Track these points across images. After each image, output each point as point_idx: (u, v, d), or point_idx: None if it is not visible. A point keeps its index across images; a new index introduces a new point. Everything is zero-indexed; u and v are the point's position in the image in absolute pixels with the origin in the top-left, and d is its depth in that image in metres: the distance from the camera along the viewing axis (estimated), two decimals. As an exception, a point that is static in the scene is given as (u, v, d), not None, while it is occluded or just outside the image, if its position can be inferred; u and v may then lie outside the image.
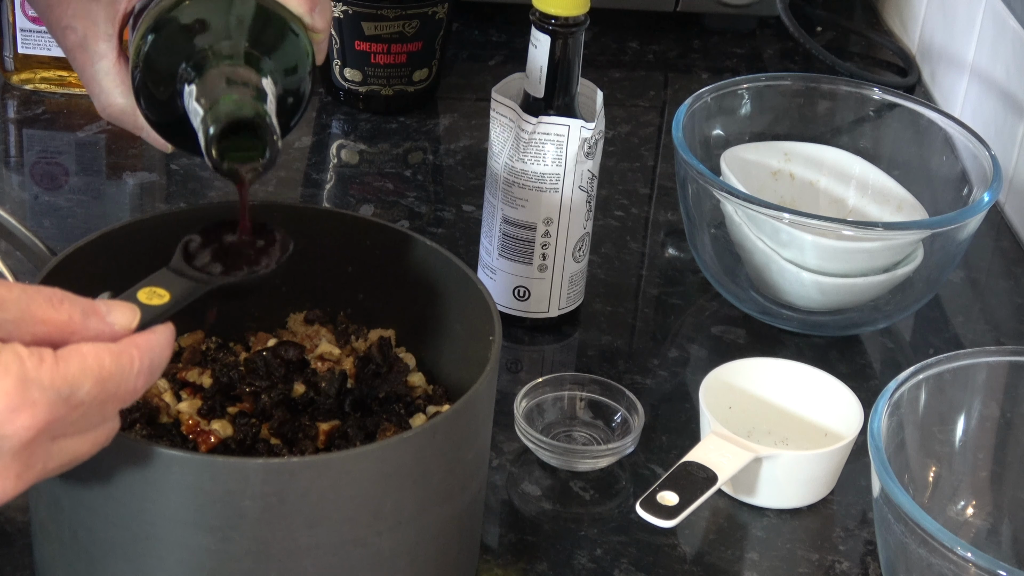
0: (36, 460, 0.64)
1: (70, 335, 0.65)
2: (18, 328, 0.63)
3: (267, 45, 0.81)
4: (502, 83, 1.06)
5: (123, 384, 0.65)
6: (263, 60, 0.80)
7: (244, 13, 0.81)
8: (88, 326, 0.65)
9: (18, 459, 0.63)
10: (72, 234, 1.14)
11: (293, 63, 0.82)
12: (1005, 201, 1.29)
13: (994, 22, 1.32)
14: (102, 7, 0.84)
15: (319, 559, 0.74)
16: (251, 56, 0.80)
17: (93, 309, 0.66)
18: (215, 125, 0.75)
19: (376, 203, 1.24)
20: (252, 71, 0.79)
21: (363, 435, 0.85)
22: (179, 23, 0.80)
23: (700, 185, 1.08)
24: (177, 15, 0.80)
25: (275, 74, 0.81)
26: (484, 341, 0.83)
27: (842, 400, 0.98)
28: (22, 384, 0.61)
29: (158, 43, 0.80)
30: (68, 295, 0.65)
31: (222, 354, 0.90)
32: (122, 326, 0.67)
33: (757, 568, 0.92)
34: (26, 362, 0.62)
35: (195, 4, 0.81)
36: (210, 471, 0.72)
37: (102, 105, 0.87)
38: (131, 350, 0.66)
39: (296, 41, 0.82)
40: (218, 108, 0.76)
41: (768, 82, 1.21)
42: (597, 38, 1.52)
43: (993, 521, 0.93)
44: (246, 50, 0.80)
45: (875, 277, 1.08)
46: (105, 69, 0.85)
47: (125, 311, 0.67)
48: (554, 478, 0.97)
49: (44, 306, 0.64)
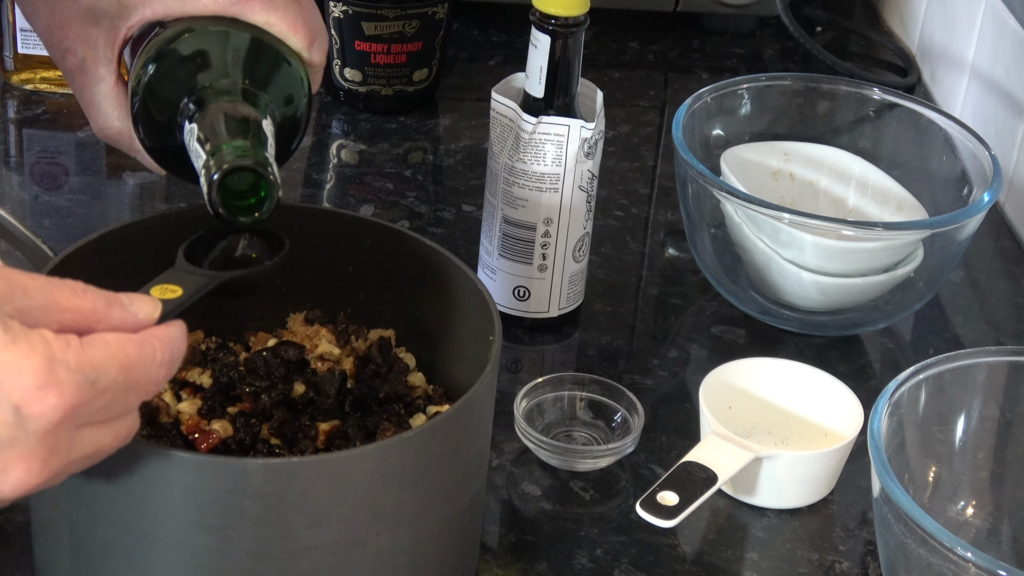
0: (61, 446, 0.63)
1: (95, 323, 0.65)
2: (44, 315, 0.64)
3: (264, 79, 0.82)
4: (502, 83, 1.06)
5: (147, 373, 0.66)
6: (260, 96, 0.81)
7: (240, 46, 0.82)
8: (111, 315, 0.66)
9: (44, 442, 0.62)
10: (72, 234, 1.14)
11: (290, 92, 0.84)
12: (1005, 201, 1.29)
13: (994, 22, 1.32)
14: (102, 31, 0.84)
15: (319, 559, 0.74)
16: (248, 93, 0.81)
17: (116, 299, 0.67)
18: (218, 173, 0.77)
19: (376, 203, 1.24)
20: (251, 108, 0.80)
21: (363, 435, 0.85)
22: (179, 55, 0.82)
23: (700, 185, 1.08)
24: (177, 47, 0.82)
25: (273, 107, 0.82)
26: (484, 341, 0.83)
27: (842, 400, 0.98)
28: (49, 364, 0.61)
29: (158, 73, 0.82)
30: (90, 287, 0.66)
31: (222, 354, 0.90)
32: (145, 315, 0.67)
33: (757, 568, 0.92)
34: (52, 344, 0.62)
35: (194, 37, 0.82)
36: (210, 471, 0.72)
37: (99, 127, 0.87)
38: (152, 340, 0.66)
39: (291, 71, 0.84)
40: (220, 156, 0.78)
41: (768, 82, 1.21)
42: (597, 38, 1.52)
43: (993, 521, 0.93)
44: (244, 88, 0.81)
45: (875, 277, 1.08)
46: (103, 92, 0.86)
47: (147, 302, 0.68)
48: (554, 478, 0.97)
49: (68, 294, 0.65)
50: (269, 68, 0.83)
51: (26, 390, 0.61)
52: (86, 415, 0.64)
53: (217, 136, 0.78)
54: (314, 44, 0.85)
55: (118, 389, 0.65)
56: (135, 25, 0.84)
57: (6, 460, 0.62)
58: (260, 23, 0.83)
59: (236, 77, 0.82)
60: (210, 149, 0.78)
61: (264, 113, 0.81)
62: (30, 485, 0.63)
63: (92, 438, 0.66)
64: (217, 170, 0.77)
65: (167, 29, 0.83)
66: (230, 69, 0.82)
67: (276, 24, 0.83)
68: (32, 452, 0.62)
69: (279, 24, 0.83)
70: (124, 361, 0.65)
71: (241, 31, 0.83)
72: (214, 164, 0.77)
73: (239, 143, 0.78)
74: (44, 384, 0.61)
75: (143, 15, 0.83)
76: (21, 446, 0.62)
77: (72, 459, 0.65)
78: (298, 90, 0.84)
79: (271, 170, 0.78)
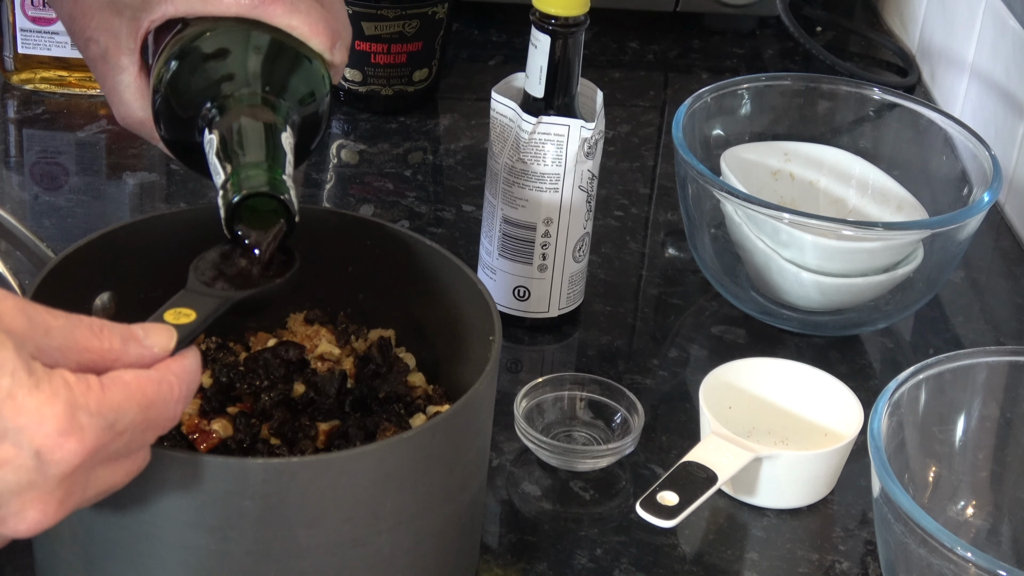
0: (77, 487, 0.64)
1: (112, 362, 0.65)
2: (64, 356, 0.64)
3: (284, 82, 0.82)
4: (502, 83, 1.06)
5: (164, 412, 0.66)
6: (280, 103, 0.81)
7: (262, 49, 0.82)
8: (128, 352, 0.66)
9: (62, 486, 0.63)
10: (72, 234, 1.14)
11: (310, 91, 0.84)
12: (1005, 201, 1.29)
13: (994, 22, 1.32)
14: (125, 22, 0.84)
15: (319, 559, 0.74)
16: (268, 100, 0.81)
17: (131, 335, 0.67)
18: (237, 196, 0.77)
19: (376, 203, 1.24)
20: (272, 115, 0.80)
21: (363, 435, 0.85)
22: (200, 55, 0.82)
23: (700, 185, 1.08)
24: (199, 46, 0.82)
25: (292, 111, 0.82)
26: (484, 341, 0.83)
27: (842, 400, 0.98)
28: (71, 409, 0.62)
29: (180, 73, 0.82)
30: (107, 323, 0.66)
31: (222, 354, 0.90)
32: (161, 347, 0.67)
33: (757, 568, 0.92)
34: (74, 389, 0.62)
35: (216, 37, 0.82)
36: (210, 471, 0.72)
37: (122, 115, 0.87)
38: (169, 377, 0.66)
39: (312, 69, 0.84)
40: (239, 180, 0.78)
41: (768, 82, 1.21)
42: (597, 38, 1.52)
43: (993, 521, 0.93)
44: (264, 96, 0.81)
45: (875, 277, 1.08)
46: (126, 82, 0.86)
47: (162, 333, 0.68)
48: (554, 478, 0.97)
49: (87, 334, 0.65)
50: (290, 71, 0.83)
51: (47, 436, 0.61)
52: (103, 456, 0.65)
53: (236, 157, 0.78)
54: (336, 45, 0.84)
55: (136, 429, 0.65)
56: (157, 19, 0.84)
57: (24, 502, 0.63)
58: (283, 26, 0.83)
59: (256, 85, 0.81)
60: (230, 171, 0.78)
61: (285, 121, 0.81)
62: (45, 525, 0.64)
63: (105, 477, 0.66)
64: (236, 193, 0.77)
65: (189, 28, 0.82)
66: (251, 74, 0.82)
67: (298, 27, 0.83)
68: (50, 495, 0.63)
69: (301, 27, 0.83)
70: (143, 401, 0.65)
71: (263, 33, 0.82)
72: (231, 189, 0.77)
73: (257, 169, 0.78)
74: (66, 431, 0.62)
75: (165, 11, 0.83)
76: (39, 489, 0.62)
77: (86, 498, 0.66)
78: (319, 88, 0.84)
79: (288, 197, 0.78)
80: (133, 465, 0.68)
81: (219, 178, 0.79)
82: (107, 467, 0.66)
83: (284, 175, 0.79)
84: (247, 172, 0.78)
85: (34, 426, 0.61)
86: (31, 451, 0.61)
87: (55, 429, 0.62)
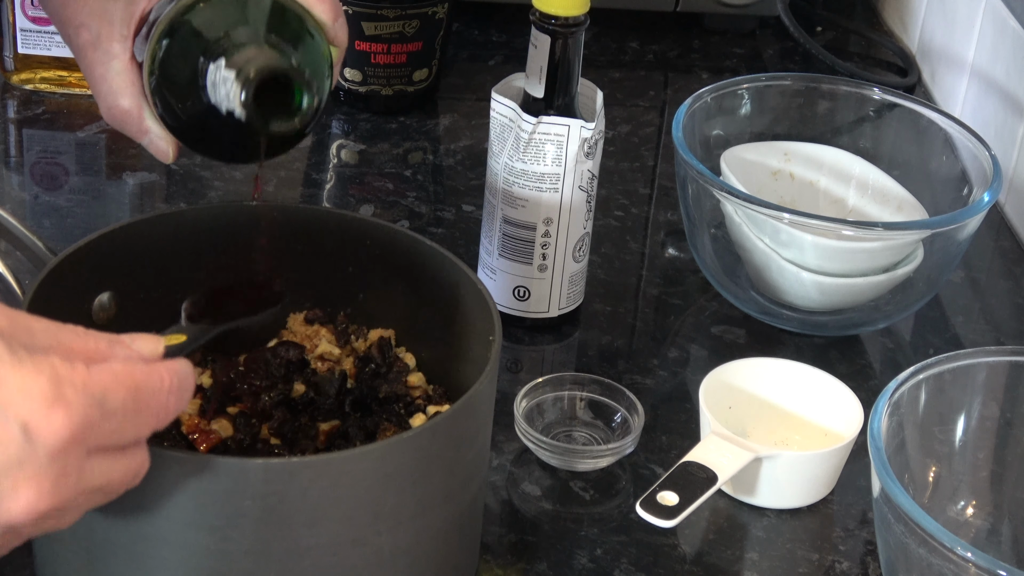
0: (71, 470, 0.63)
1: (99, 361, 0.65)
2: None
3: (290, 39, 0.81)
4: (502, 83, 1.06)
5: (155, 397, 0.66)
6: (288, 47, 0.80)
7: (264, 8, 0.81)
8: (115, 352, 0.66)
9: (54, 463, 0.62)
10: (72, 234, 1.14)
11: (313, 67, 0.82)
12: (1005, 201, 1.29)
13: (994, 22, 1.32)
14: (119, 7, 0.84)
15: (319, 559, 0.74)
16: (273, 42, 0.80)
17: (118, 339, 0.67)
18: (250, 83, 0.76)
19: (376, 203, 1.24)
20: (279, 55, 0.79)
21: (363, 435, 0.85)
22: (206, 10, 0.80)
23: (700, 185, 1.09)
24: (202, 2, 0.80)
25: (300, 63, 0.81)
26: (484, 341, 0.83)
27: (842, 400, 0.98)
28: (56, 383, 0.61)
29: (186, 28, 0.80)
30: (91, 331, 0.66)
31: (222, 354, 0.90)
32: (148, 351, 0.68)
33: (757, 568, 0.92)
34: (59, 366, 0.62)
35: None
36: (210, 471, 0.72)
37: (108, 106, 0.86)
38: (159, 368, 0.66)
39: (315, 45, 0.82)
40: (249, 66, 0.76)
41: (768, 82, 1.21)
42: (597, 38, 1.52)
43: (993, 521, 0.93)
44: (268, 38, 0.80)
45: (875, 277, 1.08)
46: (117, 69, 0.85)
47: (149, 340, 0.68)
48: (554, 478, 0.97)
49: (71, 336, 0.65)
50: (294, 34, 0.82)
51: (33, 409, 0.61)
52: (95, 438, 0.63)
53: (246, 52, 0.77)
54: (338, 20, 0.84)
55: (127, 411, 0.64)
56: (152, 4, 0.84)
57: (16, 480, 0.61)
58: None
59: (260, 29, 0.80)
60: (239, 63, 0.77)
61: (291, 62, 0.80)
62: (40, 509, 0.62)
63: (102, 468, 0.65)
64: (249, 79, 0.76)
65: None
66: (256, 24, 0.80)
67: None
68: (42, 473, 0.62)
69: None
70: (131, 383, 0.64)
71: None
72: (243, 77, 0.76)
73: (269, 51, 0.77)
74: (52, 403, 0.61)
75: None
76: (31, 466, 0.61)
77: (82, 488, 0.64)
78: (320, 67, 0.83)
79: (304, 68, 0.76)
80: (131, 463, 0.67)
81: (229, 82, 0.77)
82: (102, 458, 0.65)
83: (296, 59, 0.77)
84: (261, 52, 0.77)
85: (19, 400, 0.60)
86: (18, 425, 0.60)
87: (41, 402, 0.61)
